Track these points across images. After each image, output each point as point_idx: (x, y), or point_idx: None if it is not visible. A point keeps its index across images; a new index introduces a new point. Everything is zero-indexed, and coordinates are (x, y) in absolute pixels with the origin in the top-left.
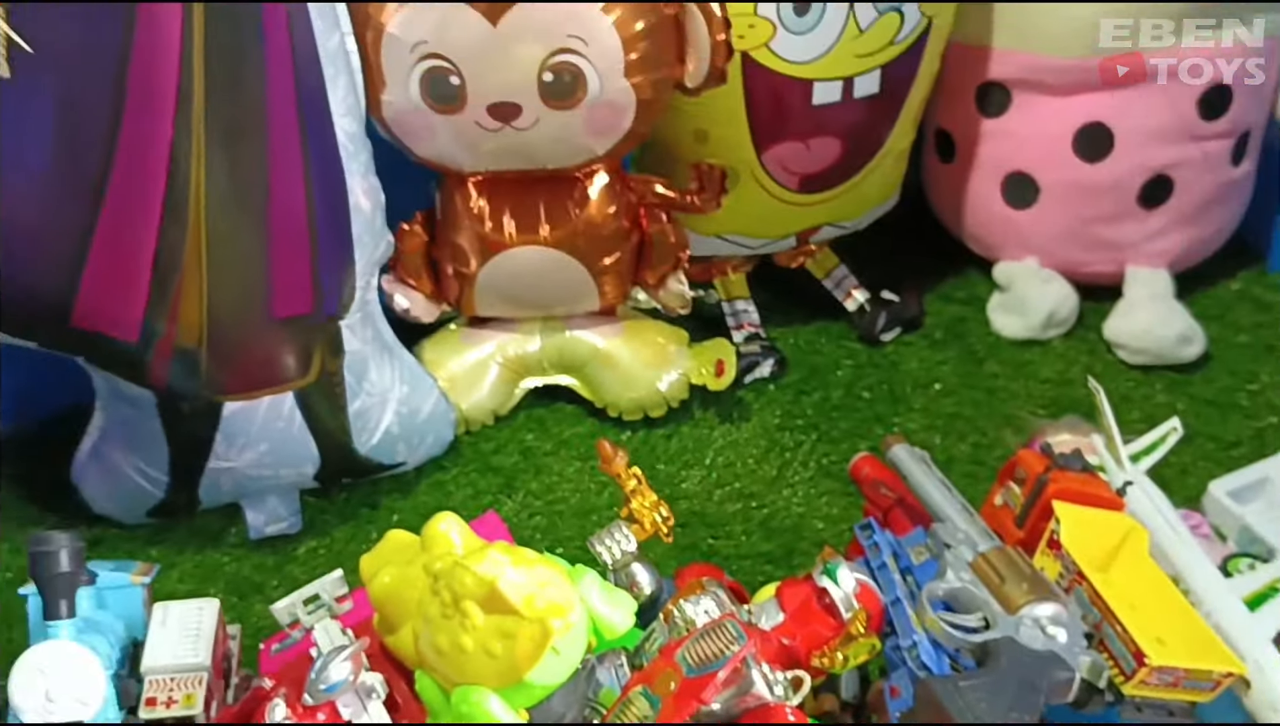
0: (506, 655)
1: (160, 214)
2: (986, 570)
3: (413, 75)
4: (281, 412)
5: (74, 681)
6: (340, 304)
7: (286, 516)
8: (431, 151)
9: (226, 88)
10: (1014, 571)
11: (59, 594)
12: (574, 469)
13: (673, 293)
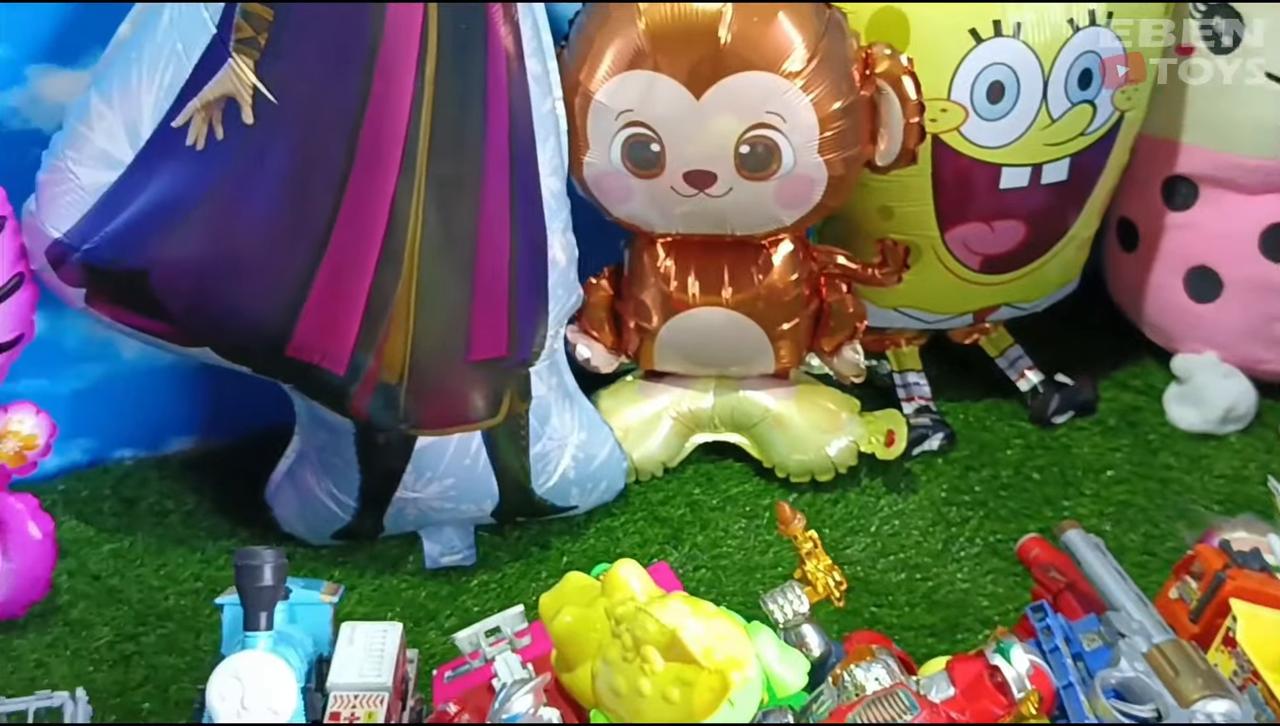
0: (684, 702)
1: (377, 259)
2: (1161, 662)
3: (615, 140)
4: (469, 450)
5: (268, 691)
6: (532, 351)
7: (462, 549)
8: (626, 212)
9: (449, 145)
10: (1189, 665)
11: (260, 606)
12: (739, 526)
13: (847, 361)
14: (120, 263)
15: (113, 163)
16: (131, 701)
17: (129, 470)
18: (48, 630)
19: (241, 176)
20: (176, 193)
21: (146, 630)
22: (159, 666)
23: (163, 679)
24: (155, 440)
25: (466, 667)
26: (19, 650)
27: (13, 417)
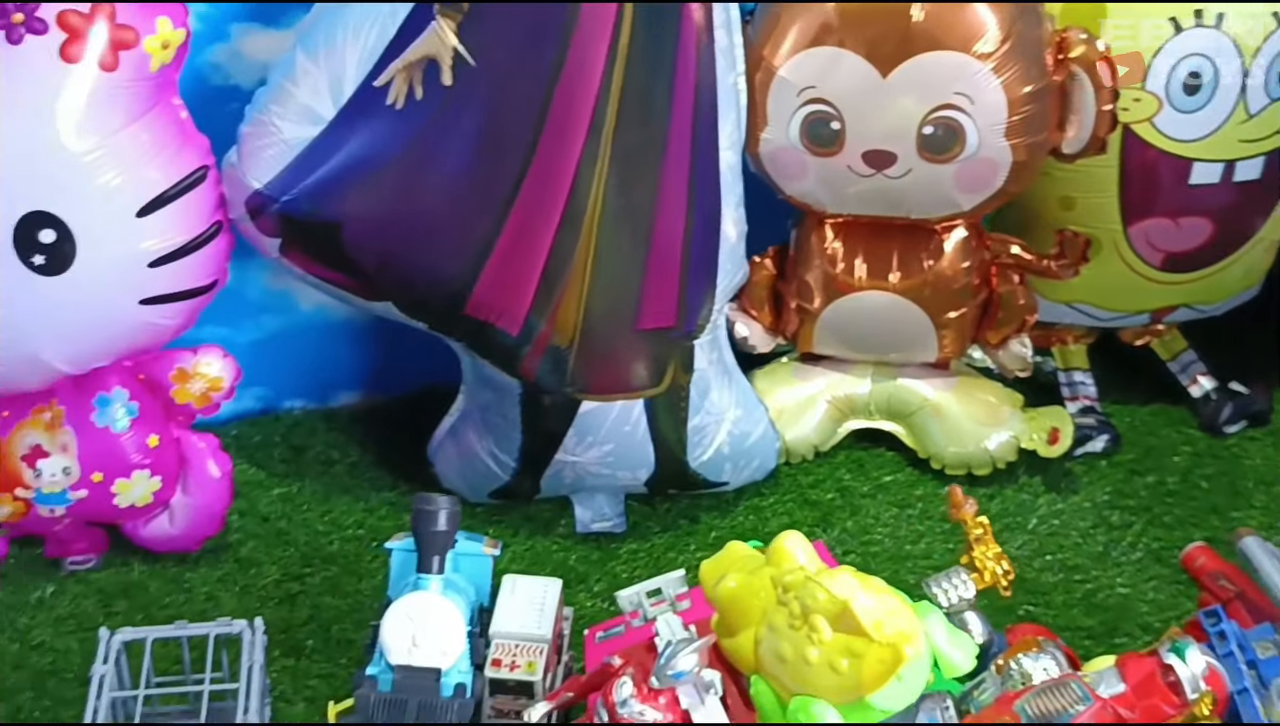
0: (852, 673)
1: (559, 223)
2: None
3: (795, 117)
4: (630, 418)
5: (438, 631)
6: (698, 323)
7: (612, 517)
8: (798, 190)
9: (636, 115)
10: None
11: (434, 550)
12: (890, 514)
13: (1014, 354)
14: (316, 215)
15: (315, 118)
16: (296, 638)
17: (298, 419)
18: (219, 565)
19: (436, 136)
20: (374, 149)
21: (311, 571)
22: (322, 607)
23: (325, 619)
24: (324, 392)
25: (618, 629)
26: (191, 582)
27: (201, 359)
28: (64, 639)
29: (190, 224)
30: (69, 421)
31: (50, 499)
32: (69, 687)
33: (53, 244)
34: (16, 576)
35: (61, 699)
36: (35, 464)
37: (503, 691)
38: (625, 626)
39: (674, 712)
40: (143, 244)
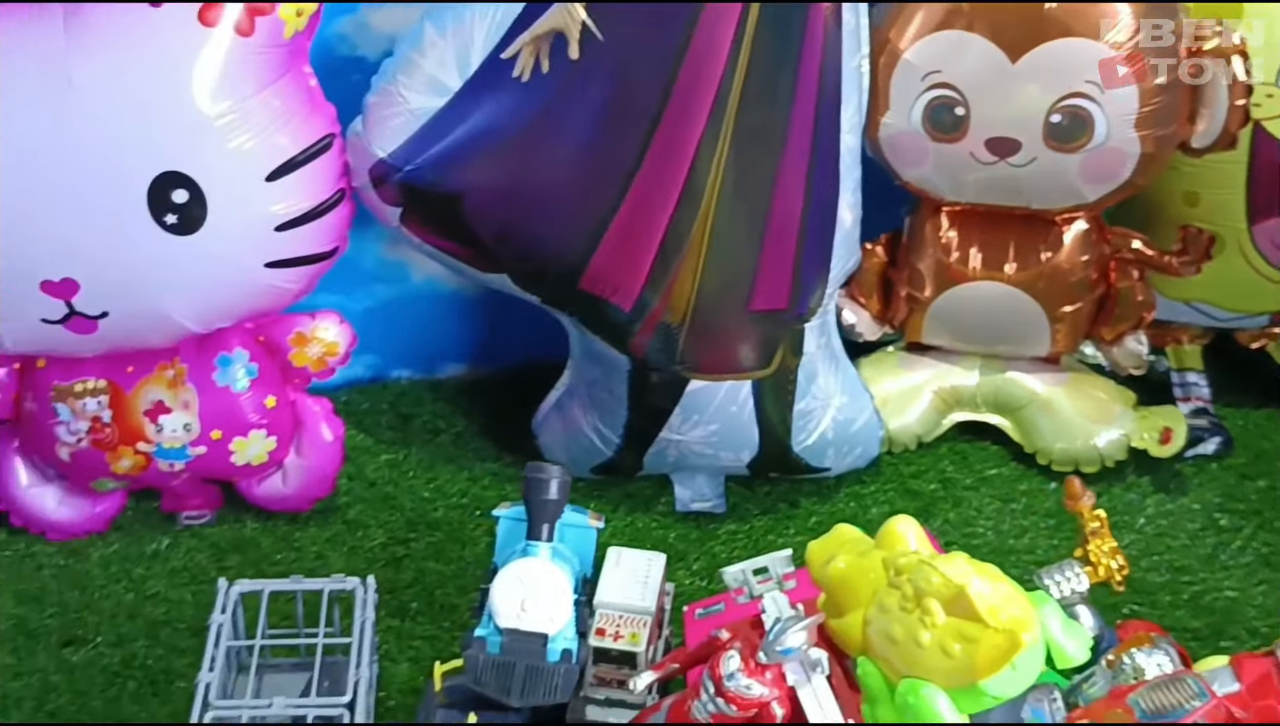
0: (965, 658)
1: (677, 200)
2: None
3: (918, 102)
4: (737, 398)
5: (547, 598)
6: (810, 307)
7: (712, 497)
8: (916, 176)
9: (760, 95)
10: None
11: (544, 518)
12: (993, 507)
13: (1129, 352)
14: (439, 185)
15: (441, 89)
16: (401, 600)
17: (405, 388)
18: (328, 526)
19: (561, 109)
20: (498, 121)
21: (416, 536)
22: (426, 571)
23: (429, 582)
24: (431, 363)
25: (718, 607)
26: (300, 541)
27: (319, 324)
28: (178, 590)
29: (316, 190)
30: (191, 379)
31: (170, 454)
32: (181, 637)
33: (185, 204)
34: (133, 528)
35: (174, 647)
36: (157, 419)
37: (606, 660)
38: (726, 604)
39: (780, 688)
40: (271, 207)
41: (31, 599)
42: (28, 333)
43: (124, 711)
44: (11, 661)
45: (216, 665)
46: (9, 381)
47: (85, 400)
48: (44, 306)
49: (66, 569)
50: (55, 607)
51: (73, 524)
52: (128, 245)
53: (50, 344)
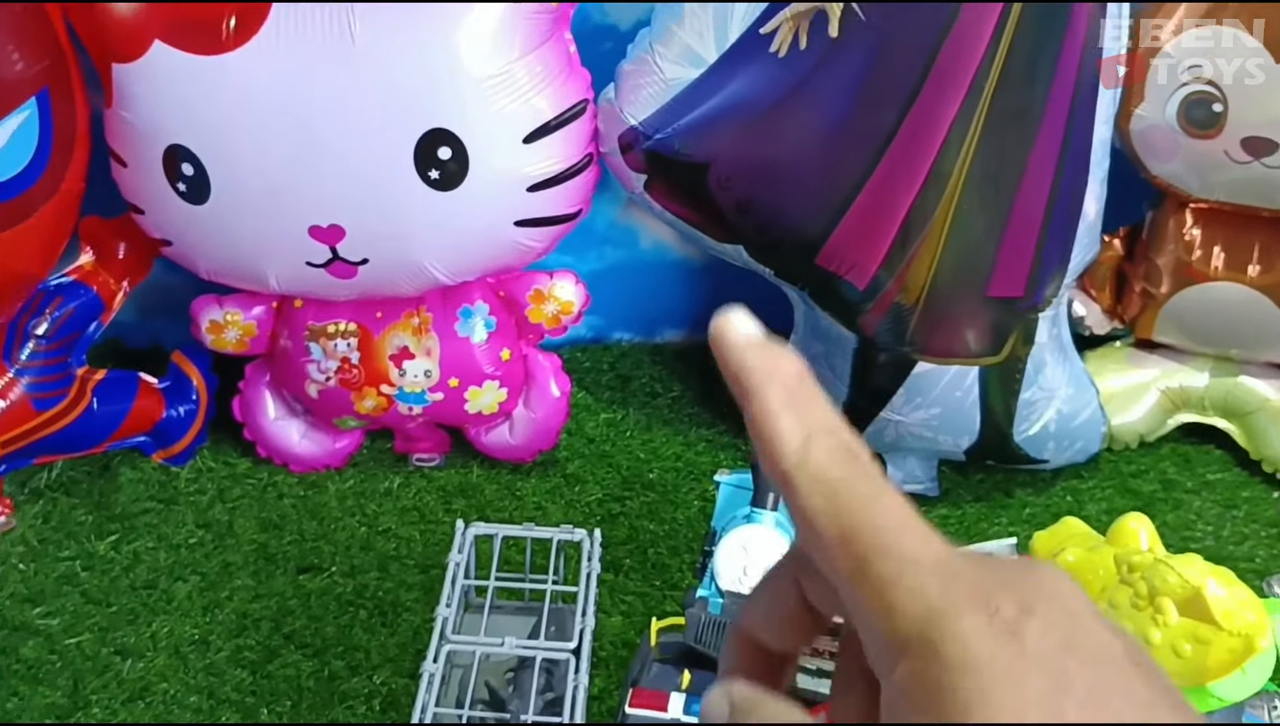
0: (1196, 659)
1: (923, 181)
2: None
3: (1175, 96)
4: (963, 383)
5: (768, 564)
6: (1045, 296)
7: (924, 480)
8: (1165, 171)
9: (1018, 80)
10: None
11: (770, 487)
12: (1214, 513)
13: None
14: (685, 155)
15: (696, 60)
16: (615, 555)
17: (625, 351)
18: (548, 478)
19: (815, 86)
20: (751, 95)
21: (631, 495)
22: (639, 529)
23: (642, 540)
24: (651, 327)
25: None
26: (522, 491)
27: (557, 283)
28: (407, 528)
29: (568, 153)
30: (435, 328)
31: (410, 398)
32: (410, 572)
33: (448, 161)
34: (368, 466)
35: (403, 582)
36: (401, 364)
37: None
38: None
39: None
40: (525, 168)
41: (273, 526)
42: (293, 274)
43: (355, 638)
44: (252, 584)
45: (455, 601)
46: (267, 318)
47: (336, 341)
48: (311, 250)
49: (306, 500)
50: (294, 535)
51: (314, 457)
52: (393, 197)
53: (311, 286)
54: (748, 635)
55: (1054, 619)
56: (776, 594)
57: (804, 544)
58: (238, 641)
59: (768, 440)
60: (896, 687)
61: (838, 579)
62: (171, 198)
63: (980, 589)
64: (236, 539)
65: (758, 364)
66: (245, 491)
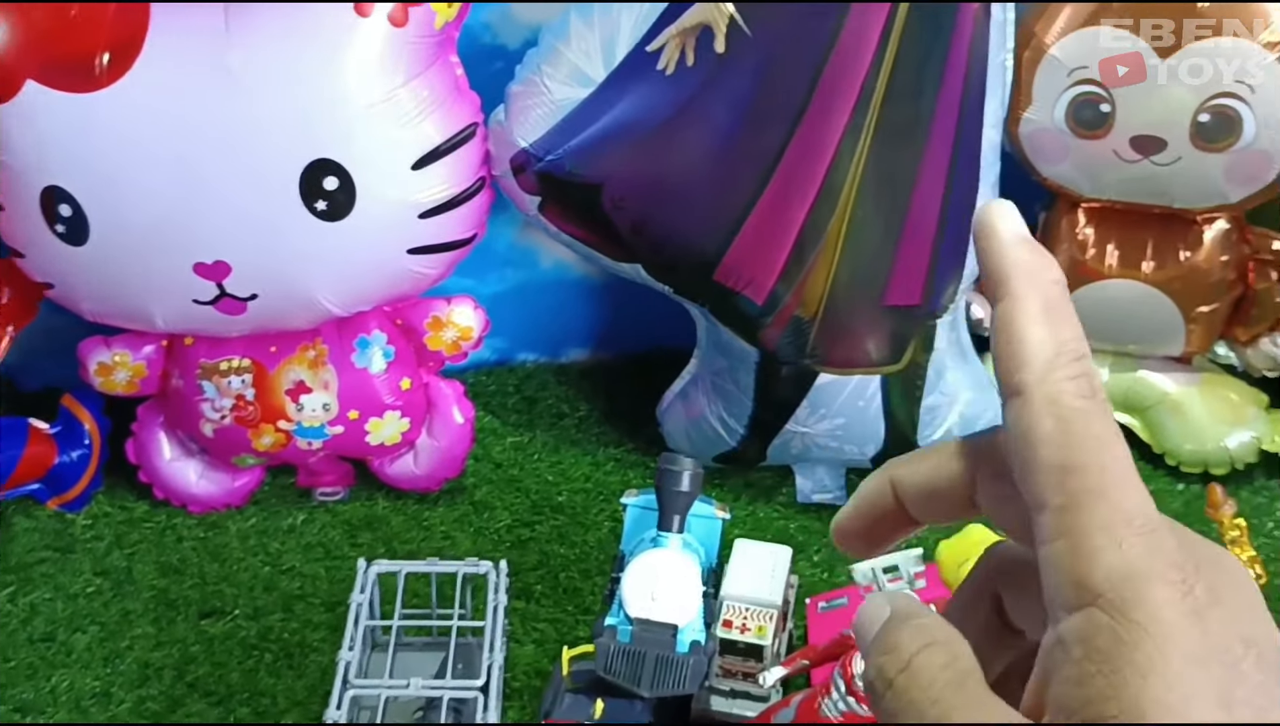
0: None
1: (816, 195)
2: None
3: (1062, 97)
4: (865, 393)
5: (677, 589)
6: (943, 303)
7: (833, 489)
8: (1055, 172)
9: (906, 91)
10: None
11: (675, 509)
12: None
13: (1264, 354)
14: (578, 176)
15: (585, 80)
16: (526, 582)
17: (531, 372)
18: (456, 506)
19: (704, 103)
20: (641, 114)
21: (541, 519)
22: (550, 554)
23: (553, 565)
24: (556, 347)
25: (841, 601)
26: (430, 520)
27: (455, 309)
28: (312, 565)
29: (459, 178)
30: (331, 360)
31: (309, 432)
32: (316, 611)
33: (335, 191)
34: (270, 503)
35: (309, 621)
36: (298, 398)
37: (732, 652)
38: (849, 597)
39: None
40: (416, 195)
41: (173, 570)
42: (180, 312)
43: (261, 683)
44: (153, 631)
45: (357, 644)
46: (157, 358)
47: (230, 378)
48: (196, 287)
49: (206, 541)
50: (195, 579)
51: (213, 497)
52: (279, 230)
53: (200, 324)
54: (892, 483)
55: (1239, 612)
56: (944, 470)
57: (1016, 463)
58: (140, 692)
59: (1015, 346)
60: (1069, 634)
61: (1042, 506)
62: (50, 240)
63: (1180, 564)
64: (136, 585)
65: (1025, 263)
66: (144, 536)
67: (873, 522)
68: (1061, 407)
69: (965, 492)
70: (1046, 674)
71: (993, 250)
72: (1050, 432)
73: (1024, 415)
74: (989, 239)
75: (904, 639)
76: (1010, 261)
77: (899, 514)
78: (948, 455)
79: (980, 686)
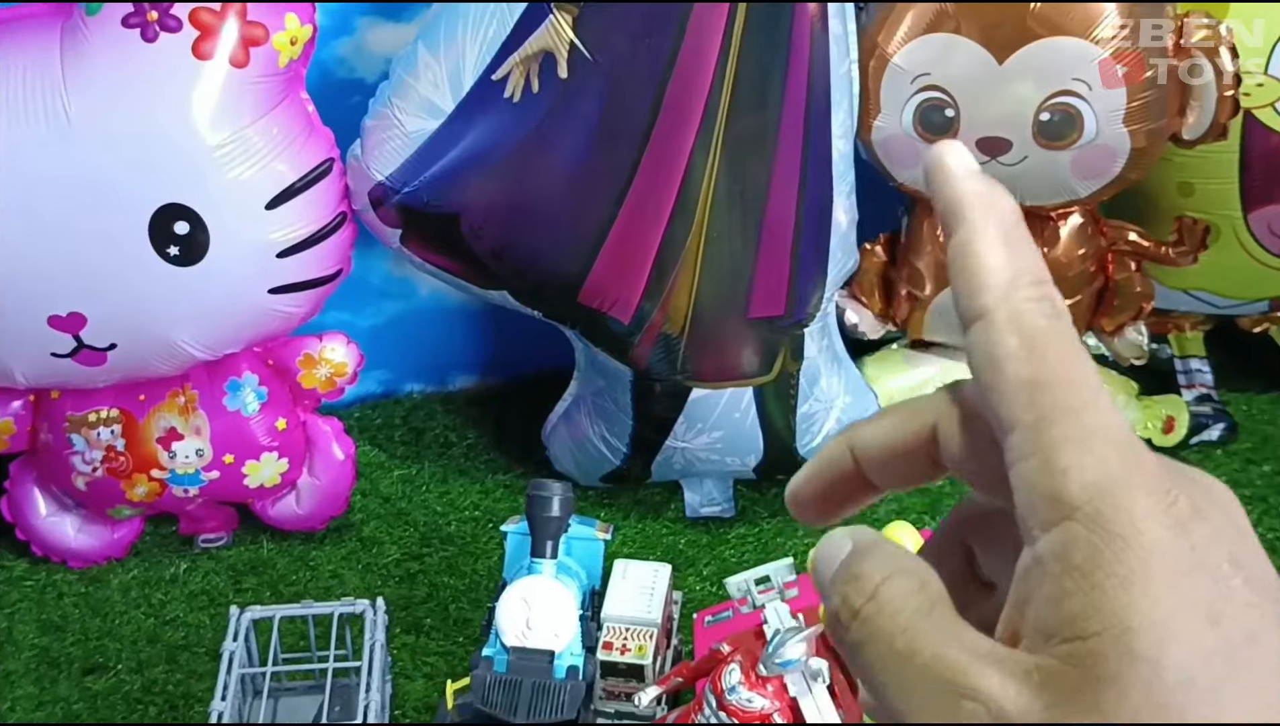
0: None
1: (671, 212)
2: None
3: (909, 104)
4: (739, 405)
5: (552, 615)
6: (808, 312)
7: (721, 501)
8: (911, 177)
9: (749, 103)
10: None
11: (547, 535)
12: None
13: (1129, 342)
14: (435, 206)
15: (435, 111)
16: (415, 616)
17: (418, 403)
18: (342, 544)
19: (552, 128)
20: (492, 142)
21: (430, 551)
22: (440, 586)
23: (443, 597)
24: (442, 376)
25: (726, 614)
26: (316, 560)
27: (326, 346)
28: (196, 614)
29: (317, 215)
30: (202, 405)
31: (184, 479)
32: (200, 661)
33: (187, 235)
34: (151, 553)
35: (194, 672)
36: (170, 446)
37: (614, 674)
38: (733, 611)
39: (781, 700)
40: (271, 235)
41: (54, 628)
42: (39, 366)
43: None
44: (34, 691)
45: (229, 693)
46: (24, 413)
47: (99, 429)
48: (52, 340)
49: (87, 596)
50: (77, 636)
51: (92, 551)
52: (132, 278)
53: (61, 377)
54: (851, 447)
55: (1226, 530)
56: (905, 427)
57: (981, 388)
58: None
59: (973, 272)
60: (1045, 551)
61: (1011, 426)
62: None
63: (1160, 476)
64: (16, 645)
65: (978, 193)
66: (24, 594)
67: (829, 487)
68: (1025, 326)
69: (926, 450)
70: (1022, 599)
71: (946, 182)
72: (1015, 349)
73: (988, 336)
74: (940, 172)
75: (869, 567)
76: (964, 190)
77: (857, 479)
78: (908, 412)
79: (950, 613)
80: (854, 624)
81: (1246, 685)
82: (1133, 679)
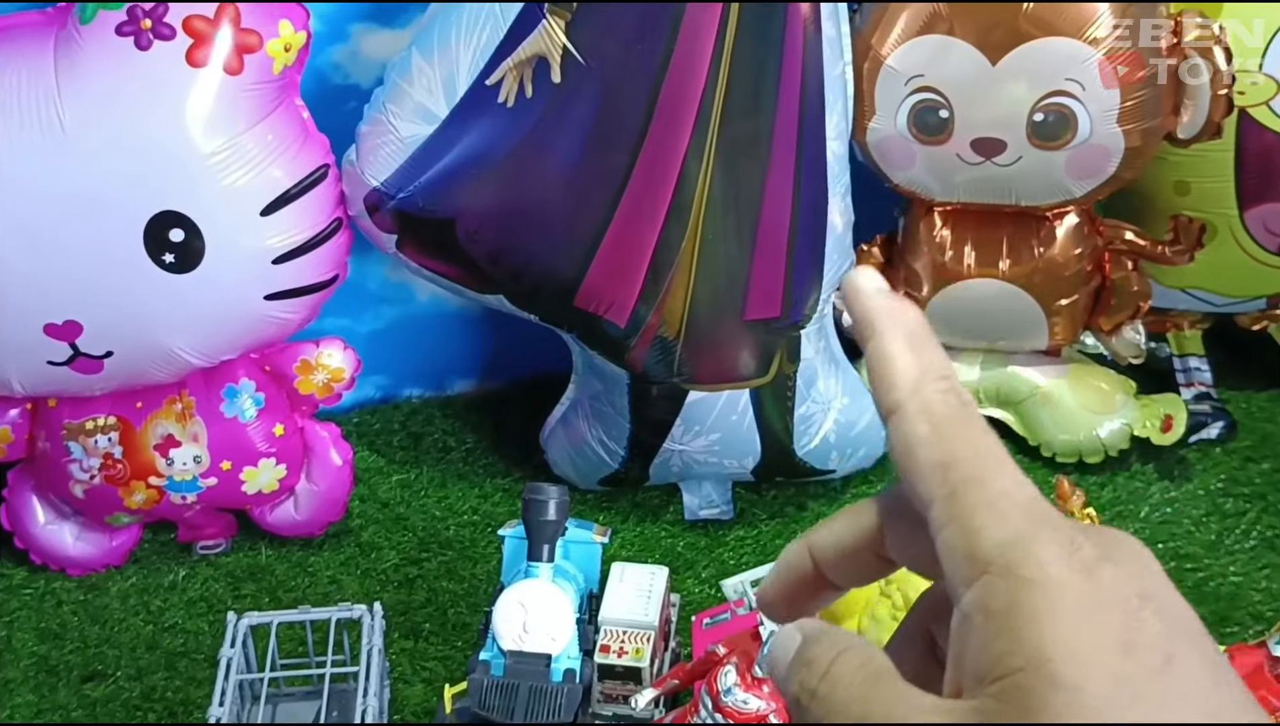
0: None
1: (665, 215)
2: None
3: (903, 106)
4: (736, 407)
5: (548, 618)
6: (805, 314)
7: (720, 504)
8: (906, 178)
9: (742, 106)
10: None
11: (543, 539)
12: None
13: (1127, 341)
14: (431, 211)
15: (429, 117)
16: (414, 621)
17: (416, 407)
18: (341, 549)
19: (546, 132)
20: (486, 146)
21: (429, 556)
22: (439, 590)
23: (442, 602)
24: (440, 381)
25: (724, 616)
26: (315, 566)
27: (323, 351)
28: (195, 621)
29: (312, 221)
30: (199, 412)
31: (181, 486)
32: (200, 668)
33: (182, 242)
34: (150, 560)
35: (193, 678)
36: (168, 453)
37: (611, 677)
38: (731, 613)
39: (776, 701)
40: (267, 241)
41: (52, 636)
42: (35, 375)
43: None
44: (34, 699)
45: (227, 699)
46: (22, 422)
47: (96, 437)
48: (49, 349)
49: (86, 604)
50: (76, 643)
51: (91, 558)
52: (127, 285)
53: (58, 385)
54: (810, 549)
55: (1133, 571)
56: (854, 527)
57: (901, 472)
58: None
59: (884, 374)
60: (968, 606)
61: (929, 502)
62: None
63: (1065, 528)
64: (15, 654)
65: (886, 307)
66: (23, 603)
67: (793, 590)
68: (935, 414)
69: (875, 548)
70: (958, 655)
71: (858, 302)
72: (925, 435)
73: (900, 427)
74: (855, 293)
75: (819, 651)
76: (873, 306)
77: (818, 579)
78: (856, 512)
79: (896, 680)
80: (813, 703)
81: (1163, 706)
82: (1059, 706)
